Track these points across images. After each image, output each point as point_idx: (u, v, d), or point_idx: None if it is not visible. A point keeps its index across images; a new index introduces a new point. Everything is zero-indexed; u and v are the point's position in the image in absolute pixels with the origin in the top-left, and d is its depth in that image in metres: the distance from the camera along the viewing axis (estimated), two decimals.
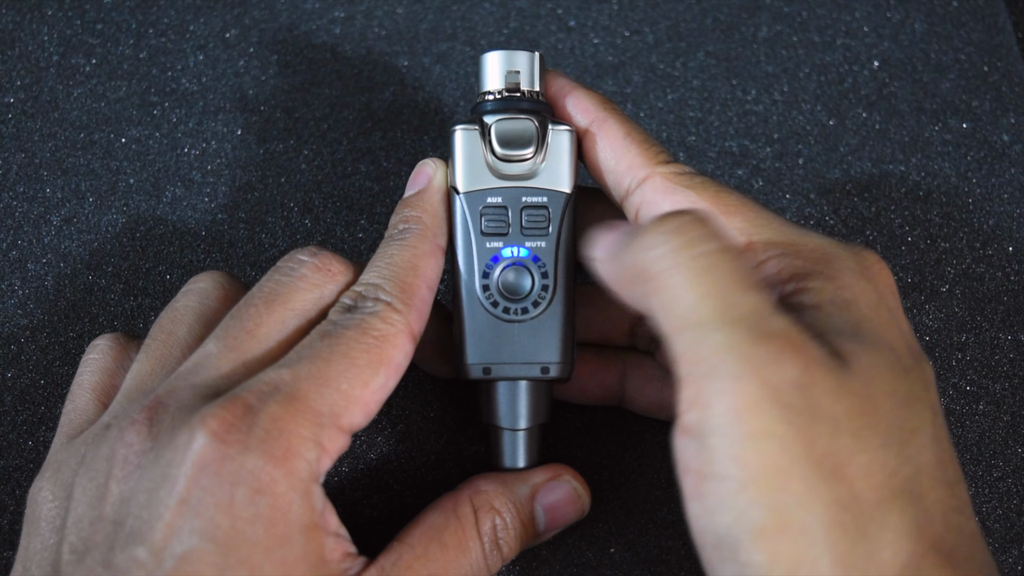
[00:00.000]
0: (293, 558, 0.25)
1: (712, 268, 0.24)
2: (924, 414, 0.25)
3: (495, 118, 0.31)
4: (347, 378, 0.27)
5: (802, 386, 0.23)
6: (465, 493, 0.30)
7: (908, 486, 0.24)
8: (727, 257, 0.24)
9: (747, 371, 0.23)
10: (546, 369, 0.31)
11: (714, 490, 0.23)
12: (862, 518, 0.23)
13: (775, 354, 0.23)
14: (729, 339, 0.23)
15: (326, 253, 0.30)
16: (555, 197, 0.31)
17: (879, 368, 0.24)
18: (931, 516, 0.24)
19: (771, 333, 0.23)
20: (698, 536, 0.24)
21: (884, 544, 0.23)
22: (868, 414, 0.24)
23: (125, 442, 0.26)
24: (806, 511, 0.22)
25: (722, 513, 0.23)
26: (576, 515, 0.32)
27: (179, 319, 0.31)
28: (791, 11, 0.46)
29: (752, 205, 0.29)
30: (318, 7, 0.45)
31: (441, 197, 0.31)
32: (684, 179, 0.29)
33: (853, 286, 0.26)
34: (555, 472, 0.32)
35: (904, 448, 0.24)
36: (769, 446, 0.23)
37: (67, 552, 0.26)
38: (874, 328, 0.26)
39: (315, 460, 0.26)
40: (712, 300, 0.24)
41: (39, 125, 0.42)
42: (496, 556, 0.30)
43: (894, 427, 0.24)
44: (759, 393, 0.23)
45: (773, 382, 0.23)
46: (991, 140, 0.43)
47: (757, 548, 0.23)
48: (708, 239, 0.24)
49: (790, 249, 0.27)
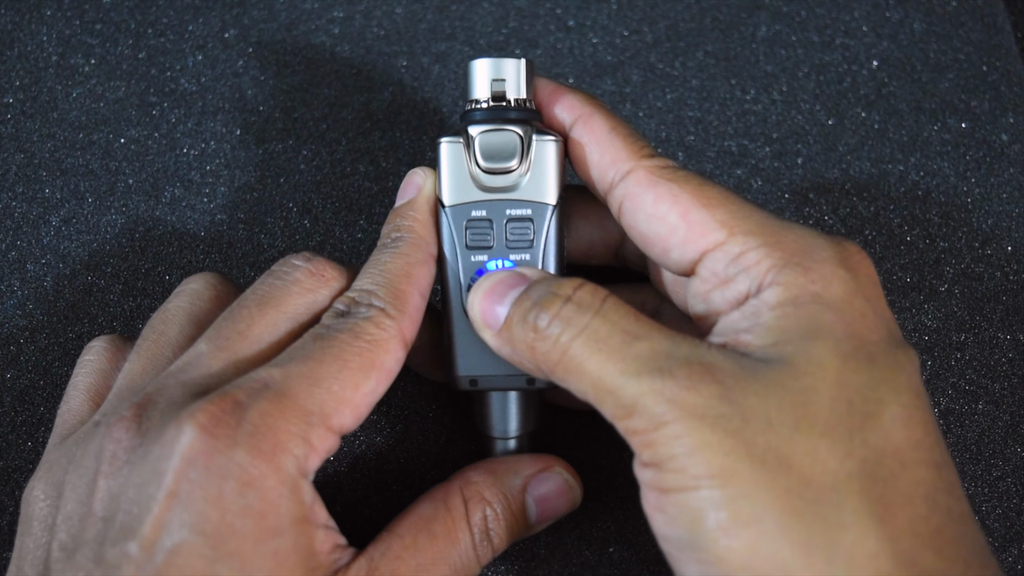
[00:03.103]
0: (283, 550, 0.25)
1: (596, 340, 0.26)
2: (887, 397, 0.25)
3: (479, 129, 0.31)
4: (338, 380, 0.27)
5: (723, 395, 0.25)
6: (455, 484, 0.31)
7: (866, 468, 0.24)
8: (602, 321, 0.26)
9: (669, 408, 0.25)
10: (532, 380, 0.31)
11: (672, 501, 0.25)
12: (817, 504, 0.24)
13: (685, 382, 0.25)
14: (640, 389, 0.25)
15: (320, 259, 0.31)
16: (539, 209, 0.31)
17: (824, 359, 0.25)
18: (906, 497, 0.24)
19: (676, 366, 0.25)
20: (664, 543, 0.26)
21: (845, 526, 0.24)
22: (803, 405, 0.25)
23: (113, 438, 0.26)
24: (754, 503, 0.24)
25: (681, 519, 0.25)
26: (567, 507, 0.32)
27: (170, 319, 0.31)
28: (790, 11, 0.46)
29: (734, 198, 0.29)
30: (317, 7, 0.45)
31: (431, 207, 0.32)
32: (667, 172, 0.29)
33: (827, 276, 0.27)
34: (546, 463, 0.32)
35: (856, 433, 0.25)
36: (710, 454, 0.24)
37: (57, 550, 0.26)
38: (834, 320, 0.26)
39: (303, 457, 0.26)
40: (609, 366, 0.26)
41: (38, 125, 0.42)
42: (486, 547, 0.30)
43: (839, 414, 0.25)
44: (689, 419, 0.25)
45: (693, 404, 0.25)
46: (990, 140, 0.43)
47: (715, 544, 0.24)
48: (580, 313, 0.27)
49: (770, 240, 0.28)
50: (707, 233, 0.28)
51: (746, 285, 0.27)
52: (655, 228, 0.29)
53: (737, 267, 0.27)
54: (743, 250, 0.27)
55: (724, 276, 0.28)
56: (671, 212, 0.29)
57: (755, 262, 0.27)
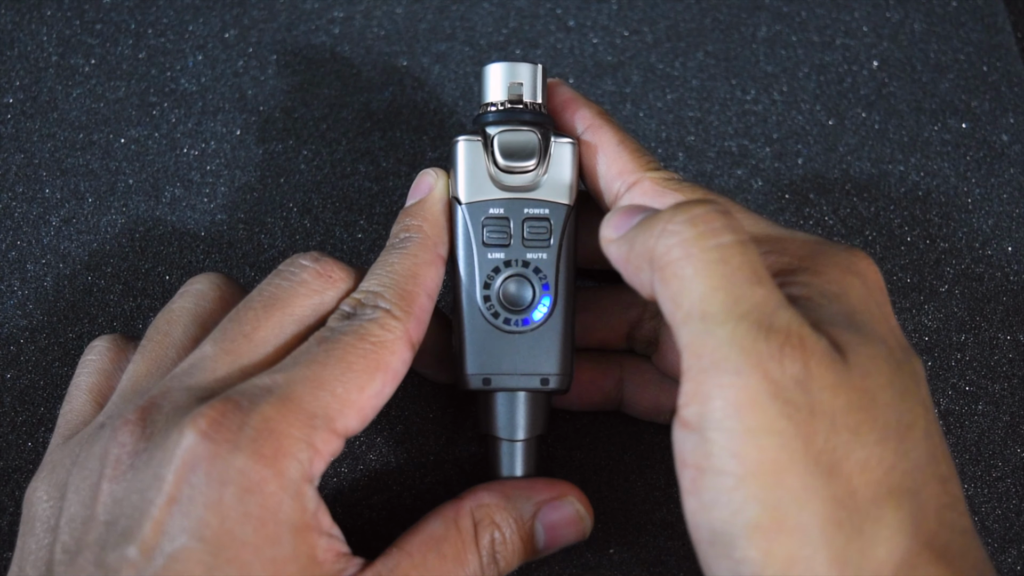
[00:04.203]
0: (283, 558, 0.25)
1: (723, 261, 0.24)
2: (917, 409, 0.25)
3: (498, 129, 0.31)
4: (342, 382, 0.27)
5: (802, 382, 0.23)
6: (467, 505, 0.30)
7: (904, 482, 0.24)
8: (739, 250, 0.25)
9: (750, 366, 0.23)
10: (546, 380, 0.31)
11: (711, 485, 0.23)
12: (858, 515, 0.23)
13: (778, 349, 0.23)
14: (734, 333, 0.23)
15: (328, 259, 0.30)
16: (557, 209, 0.31)
17: (876, 361, 0.25)
18: (926, 512, 0.24)
19: (776, 328, 0.24)
20: (694, 532, 0.24)
21: (879, 541, 0.23)
22: (866, 409, 0.24)
23: (118, 442, 0.26)
24: (802, 508, 0.23)
25: (718, 509, 0.23)
26: (576, 537, 0.32)
27: (175, 320, 0.31)
28: (790, 11, 0.46)
29: (740, 207, 0.29)
30: (317, 7, 0.45)
31: (442, 207, 0.31)
32: (672, 184, 0.30)
33: (841, 280, 0.26)
34: (560, 491, 0.31)
35: (900, 443, 0.24)
36: (768, 442, 0.23)
37: (60, 552, 0.26)
38: (866, 320, 0.26)
39: (307, 461, 0.26)
40: (720, 293, 0.24)
41: (38, 125, 0.42)
42: (493, 570, 0.30)
43: (891, 422, 0.24)
44: (760, 388, 0.23)
45: (775, 377, 0.23)
46: (990, 140, 0.43)
47: (752, 545, 0.23)
48: (721, 232, 0.25)
49: (777, 246, 0.28)
50: None
51: None
52: None
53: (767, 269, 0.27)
54: None
55: None
56: None
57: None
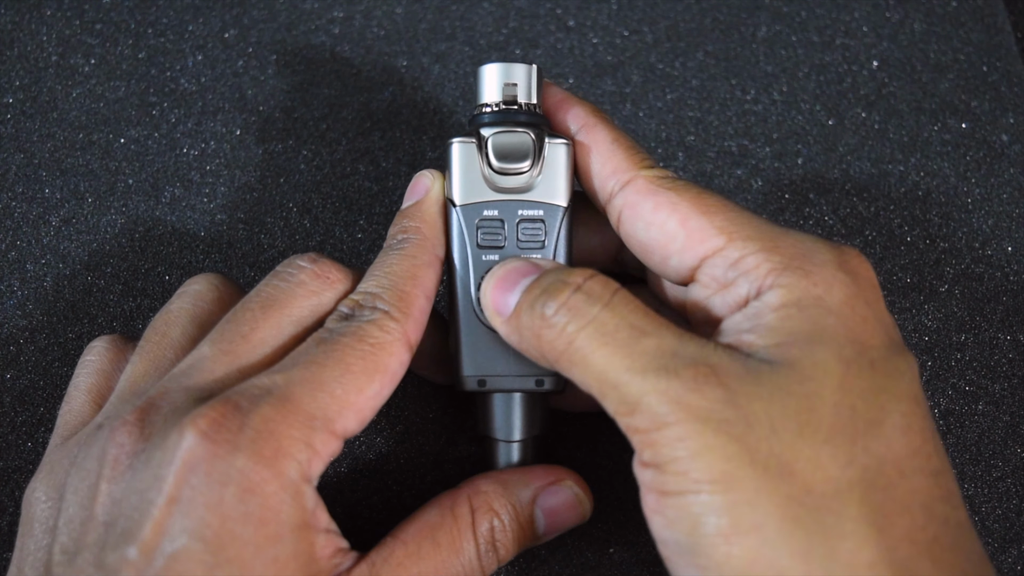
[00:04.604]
0: (283, 557, 0.25)
1: (602, 333, 0.26)
2: (889, 404, 0.25)
3: (492, 131, 0.31)
4: (341, 383, 0.27)
5: (727, 400, 0.24)
6: (464, 492, 0.30)
7: (867, 476, 0.24)
8: (611, 315, 0.26)
9: (673, 408, 0.25)
10: (540, 381, 0.31)
11: (671, 504, 0.25)
12: (818, 511, 0.24)
13: (691, 383, 0.25)
14: (645, 388, 0.25)
15: (325, 260, 0.30)
16: (551, 211, 0.31)
17: (829, 364, 0.25)
18: (904, 506, 0.24)
19: (681, 366, 0.25)
20: (661, 546, 0.26)
21: (845, 535, 0.24)
22: (808, 411, 0.25)
23: (116, 443, 0.26)
24: (755, 509, 0.24)
25: (681, 522, 0.25)
26: (576, 520, 0.32)
27: (173, 321, 0.31)
28: (790, 11, 0.46)
29: (732, 205, 0.29)
30: (317, 7, 0.45)
31: (439, 208, 0.31)
32: (666, 182, 0.30)
33: (828, 280, 0.27)
34: (557, 476, 0.32)
35: (859, 439, 0.25)
36: (712, 458, 0.24)
37: (58, 553, 0.26)
38: (837, 324, 0.26)
39: (305, 462, 0.26)
40: (617, 359, 0.26)
41: (38, 125, 0.42)
42: (491, 558, 0.30)
43: (843, 420, 0.25)
44: (692, 421, 0.24)
45: (701, 407, 0.24)
46: (990, 140, 0.43)
47: (714, 550, 0.24)
48: (589, 305, 0.27)
49: (768, 245, 0.28)
50: (706, 239, 0.28)
51: (746, 289, 0.27)
52: (654, 236, 0.29)
53: (737, 271, 0.27)
54: (742, 255, 0.27)
55: (724, 280, 0.28)
56: (670, 219, 0.29)
57: (754, 266, 0.27)
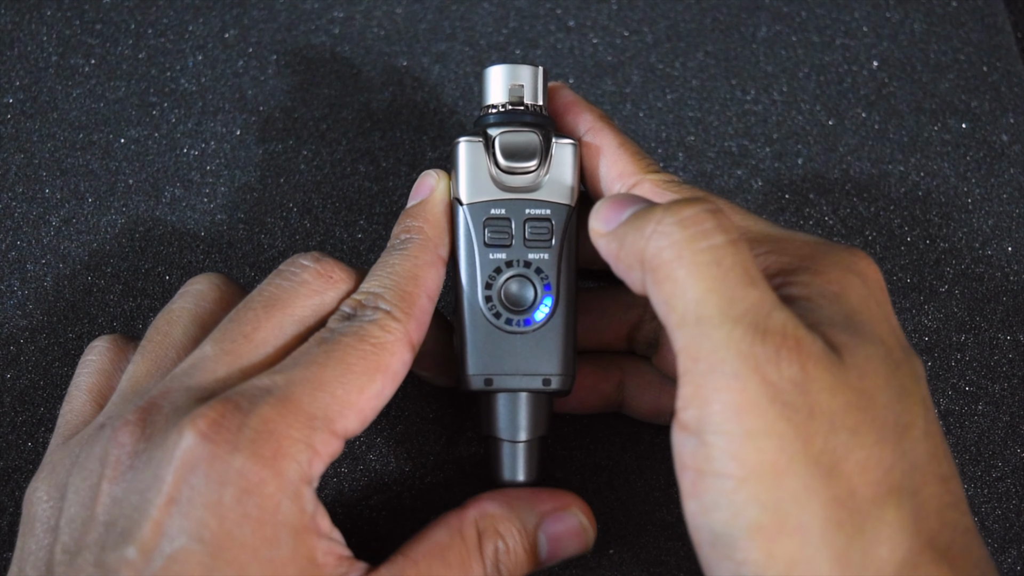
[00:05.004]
0: (281, 559, 0.25)
1: (715, 263, 0.24)
2: (916, 408, 0.25)
3: (499, 130, 0.31)
4: (342, 383, 0.27)
5: (800, 384, 0.23)
6: (471, 514, 0.30)
7: (904, 481, 0.24)
8: (731, 251, 0.24)
9: (747, 370, 0.23)
10: (547, 381, 0.31)
11: (711, 487, 0.23)
12: (859, 515, 0.23)
13: (775, 352, 0.23)
14: (730, 336, 0.23)
15: (328, 259, 0.30)
16: (558, 210, 0.31)
17: (873, 361, 0.25)
18: (927, 512, 0.24)
19: (772, 330, 0.24)
20: (695, 533, 0.24)
21: (881, 540, 0.23)
22: (864, 409, 0.24)
23: (118, 443, 0.26)
24: (803, 509, 0.23)
25: (719, 511, 0.23)
26: (579, 549, 0.31)
27: (175, 321, 0.31)
28: (790, 11, 0.46)
29: (738, 208, 0.29)
30: (317, 7, 0.45)
31: (443, 208, 0.31)
32: (672, 186, 0.30)
33: (840, 280, 0.26)
34: (564, 502, 0.31)
35: (899, 443, 0.24)
36: (767, 444, 0.23)
37: (60, 552, 0.26)
38: (865, 320, 0.26)
39: (306, 462, 0.26)
40: (715, 296, 0.24)
41: (38, 125, 0.42)
42: None
43: (889, 422, 0.24)
44: (758, 391, 0.23)
45: (772, 380, 0.23)
46: (990, 140, 0.43)
47: (754, 546, 0.23)
48: (713, 232, 0.25)
49: (776, 246, 0.28)
50: None
51: None
52: None
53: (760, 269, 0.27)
54: None
55: None
56: None
57: (762, 267, 0.27)
